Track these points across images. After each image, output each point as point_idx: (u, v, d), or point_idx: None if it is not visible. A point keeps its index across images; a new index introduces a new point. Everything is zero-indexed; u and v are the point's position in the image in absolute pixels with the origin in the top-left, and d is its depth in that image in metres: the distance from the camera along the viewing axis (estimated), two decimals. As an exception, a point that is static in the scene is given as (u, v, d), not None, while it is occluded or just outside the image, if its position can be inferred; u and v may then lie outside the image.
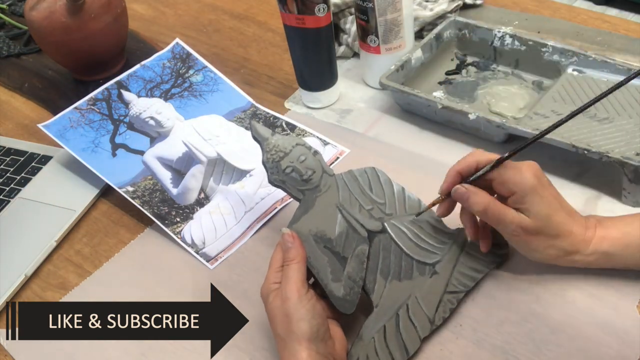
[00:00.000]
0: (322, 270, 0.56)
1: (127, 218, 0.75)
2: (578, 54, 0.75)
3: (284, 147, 0.60)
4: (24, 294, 0.69)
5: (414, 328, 0.56)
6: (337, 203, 0.59)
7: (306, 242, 0.57)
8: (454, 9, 0.90)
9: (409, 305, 0.57)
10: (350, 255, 0.57)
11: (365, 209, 0.60)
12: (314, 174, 0.60)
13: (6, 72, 1.04)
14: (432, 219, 0.61)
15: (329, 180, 0.60)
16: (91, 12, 0.89)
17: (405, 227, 0.59)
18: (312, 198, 0.59)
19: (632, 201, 0.64)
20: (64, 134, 0.79)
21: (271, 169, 0.60)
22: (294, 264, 0.54)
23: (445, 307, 0.57)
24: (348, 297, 0.55)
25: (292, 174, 0.60)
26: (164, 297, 0.65)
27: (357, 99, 0.85)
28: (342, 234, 0.58)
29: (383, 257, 0.58)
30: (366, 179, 0.62)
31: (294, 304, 0.52)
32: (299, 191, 0.60)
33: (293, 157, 0.60)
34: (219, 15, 1.08)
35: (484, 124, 0.71)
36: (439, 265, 0.58)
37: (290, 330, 0.51)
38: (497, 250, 0.60)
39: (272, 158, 0.60)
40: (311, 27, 0.75)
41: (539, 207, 0.53)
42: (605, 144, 0.65)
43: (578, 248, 0.55)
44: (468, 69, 0.83)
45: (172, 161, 0.78)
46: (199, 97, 0.85)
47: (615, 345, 0.54)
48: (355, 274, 0.56)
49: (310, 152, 0.61)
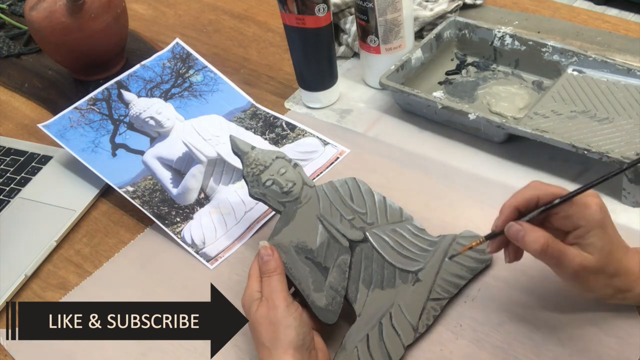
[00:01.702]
0: (304, 280, 0.56)
1: (127, 218, 0.75)
2: (578, 54, 0.75)
3: (264, 161, 0.61)
4: (24, 294, 0.69)
5: (397, 336, 0.55)
6: (318, 214, 0.60)
7: (287, 254, 0.57)
8: (454, 9, 0.90)
9: (392, 313, 0.56)
10: (332, 265, 0.57)
11: (346, 219, 0.60)
12: (294, 186, 0.61)
13: (6, 72, 1.04)
14: (413, 227, 0.61)
15: (310, 192, 0.61)
16: (91, 12, 0.89)
17: (387, 235, 0.60)
18: (293, 210, 0.60)
19: (632, 201, 0.64)
20: (64, 134, 0.79)
21: (251, 182, 0.61)
22: (275, 275, 0.54)
23: (429, 314, 0.57)
24: (330, 307, 0.55)
25: (273, 186, 0.60)
26: (164, 297, 0.65)
27: (357, 99, 0.85)
28: (324, 244, 0.58)
29: (365, 266, 0.58)
30: (347, 189, 0.62)
31: (282, 312, 0.52)
32: (279, 203, 0.60)
33: (273, 170, 0.61)
34: (219, 15, 1.08)
35: (484, 124, 0.71)
36: (421, 273, 0.58)
37: (277, 338, 0.51)
38: (480, 255, 0.60)
39: (252, 172, 0.61)
40: (311, 27, 0.75)
41: (603, 243, 0.49)
42: (605, 144, 0.65)
43: (632, 286, 0.51)
44: (468, 69, 0.83)
45: (172, 161, 0.78)
46: (199, 97, 0.85)
47: (615, 345, 0.54)
48: (337, 284, 0.56)
49: (290, 165, 0.62)
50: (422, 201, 0.68)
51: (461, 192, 0.69)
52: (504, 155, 0.72)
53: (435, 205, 0.68)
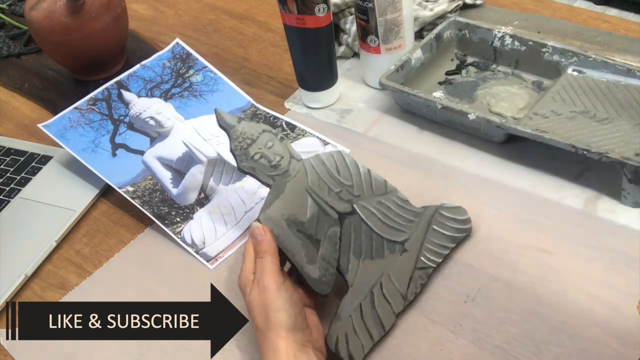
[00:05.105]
0: (297, 253, 0.57)
1: (127, 218, 0.75)
2: (578, 54, 0.75)
3: (251, 134, 0.62)
4: (24, 294, 0.69)
5: (388, 305, 0.57)
6: (307, 187, 0.60)
7: (279, 227, 0.57)
8: (454, 9, 0.90)
9: (382, 283, 0.58)
10: (322, 237, 0.58)
11: (334, 191, 0.61)
12: (282, 160, 0.61)
13: (6, 72, 1.04)
14: (398, 199, 0.62)
15: (297, 165, 0.62)
16: (91, 12, 0.89)
17: (374, 207, 0.61)
18: (282, 183, 0.60)
19: (632, 201, 0.64)
20: (64, 134, 0.79)
21: (240, 157, 0.62)
22: (267, 256, 0.55)
23: (416, 282, 0.59)
24: (324, 278, 0.57)
25: (261, 160, 0.61)
26: (164, 297, 0.65)
27: (357, 99, 0.85)
28: (314, 217, 0.59)
29: (354, 238, 0.59)
30: (333, 162, 0.62)
31: (272, 294, 0.52)
32: (268, 177, 0.61)
33: (260, 144, 0.61)
34: (219, 15, 1.08)
35: (483, 124, 0.71)
36: (407, 243, 0.60)
37: (269, 320, 0.52)
38: (461, 225, 0.62)
39: (239, 145, 0.61)
40: (311, 27, 0.75)
41: None
42: (605, 144, 0.65)
43: None
44: (468, 69, 0.83)
45: (172, 161, 0.78)
46: (199, 97, 0.85)
47: (615, 345, 0.54)
48: (329, 255, 0.58)
49: (276, 138, 0.62)
50: (422, 201, 0.68)
51: (461, 192, 0.69)
52: (504, 155, 0.72)
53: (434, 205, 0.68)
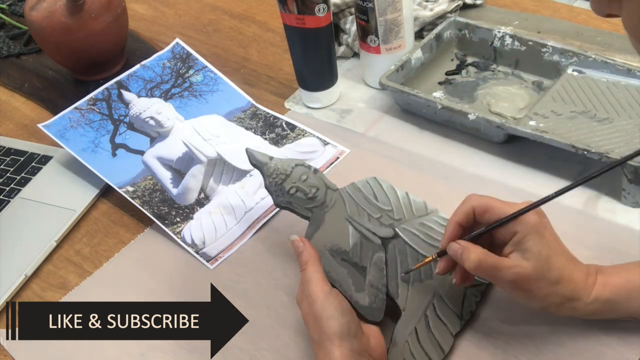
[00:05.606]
0: (344, 282, 0.56)
1: (127, 218, 0.75)
2: (578, 54, 0.75)
3: (284, 169, 0.61)
4: (24, 294, 0.69)
5: (444, 326, 0.56)
6: (346, 216, 0.60)
7: (323, 258, 0.57)
8: (454, 9, 0.90)
9: (435, 304, 0.57)
10: (368, 264, 0.57)
11: (374, 217, 0.60)
12: (318, 191, 0.61)
13: (6, 72, 1.04)
14: (439, 218, 0.61)
15: (334, 195, 0.61)
16: (91, 12, 0.89)
17: (416, 229, 0.60)
18: (321, 214, 0.60)
19: (632, 202, 0.64)
20: (64, 134, 0.79)
21: (276, 192, 0.61)
22: (309, 266, 0.54)
23: (470, 300, 0.58)
24: (374, 304, 0.56)
25: (297, 194, 0.60)
26: (164, 297, 0.65)
27: (357, 99, 0.85)
28: (357, 245, 0.58)
29: (400, 261, 0.58)
30: (369, 189, 0.62)
31: (321, 304, 0.52)
32: (306, 209, 0.61)
33: (295, 178, 0.61)
34: (219, 15, 1.08)
35: (483, 124, 0.71)
36: None
37: (322, 330, 0.51)
38: None
39: (274, 181, 0.61)
40: (311, 27, 0.75)
41: (540, 248, 0.49)
42: (605, 144, 0.65)
43: (579, 295, 0.51)
44: (468, 69, 0.83)
45: (172, 161, 0.78)
46: (199, 97, 0.85)
47: (615, 345, 0.54)
48: (376, 282, 0.57)
49: (310, 171, 0.62)
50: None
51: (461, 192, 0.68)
52: (503, 156, 0.72)
53: (435, 206, 0.68)
